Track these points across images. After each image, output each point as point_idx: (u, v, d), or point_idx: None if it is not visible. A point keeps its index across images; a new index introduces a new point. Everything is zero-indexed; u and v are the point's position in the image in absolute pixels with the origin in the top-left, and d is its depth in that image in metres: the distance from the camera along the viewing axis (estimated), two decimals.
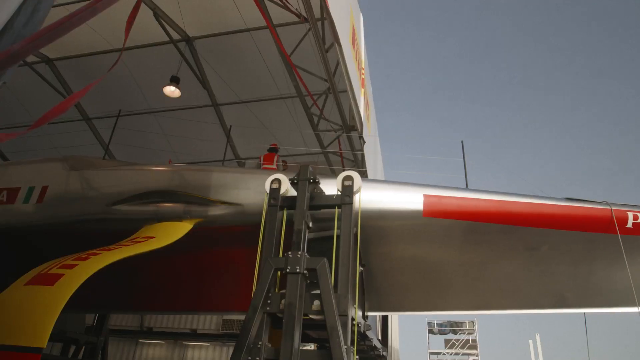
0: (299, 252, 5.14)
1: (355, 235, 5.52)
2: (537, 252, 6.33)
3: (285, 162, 12.53)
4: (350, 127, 13.02)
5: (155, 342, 18.64)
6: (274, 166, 11.55)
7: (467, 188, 6.78)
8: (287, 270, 5.08)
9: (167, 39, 12.90)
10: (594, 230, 6.06)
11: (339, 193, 5.74)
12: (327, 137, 14.53)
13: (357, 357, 5.17)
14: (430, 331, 31.13)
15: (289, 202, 5.85)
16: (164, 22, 12.44)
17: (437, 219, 6.21)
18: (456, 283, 6.90)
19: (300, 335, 4.88)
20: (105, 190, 7.38)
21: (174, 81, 13.15)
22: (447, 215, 6.21)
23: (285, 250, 5.59)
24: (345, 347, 4.71)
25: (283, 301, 5.11)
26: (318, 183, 5.88)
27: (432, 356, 30.60)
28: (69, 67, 14.57)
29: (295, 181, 5.85)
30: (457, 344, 30.14)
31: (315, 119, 13.85)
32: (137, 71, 14.60)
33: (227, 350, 17.56)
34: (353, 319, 5.14)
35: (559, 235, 6.12)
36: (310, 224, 5.58)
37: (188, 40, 13.30)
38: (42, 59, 14.38)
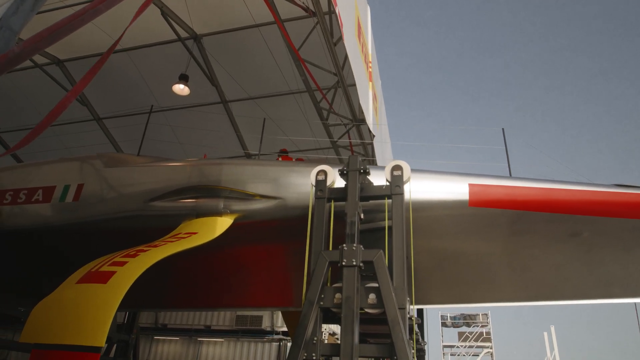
0: (354, 245, 5.02)
1: (408, 225, 5.41)
2: (586, 241, 6.13)
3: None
4: (360, 120, 12.96)
5: (170, 338, 18.64)
6: None
7: (510, 176, 6.65)
8: (343, 263, 4.96)
9: (175, 37, 12.83)
10: None
11: (388, 183, 5.63)
12: (337, 130, 14.45)
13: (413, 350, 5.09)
14: (444, 324, 30.97)
15: (336, 194, 5.71)
16: (171, 20, 12.38)
17: (483, 209, 6.07)
18: (500, 274, 6.75)
19: (358, 330, 4.77)
20: (142, 187, 7.24)
21: (183, 79, 13.10)
22: (493, 204, 6.05)
23: (333, 243, 5.49)
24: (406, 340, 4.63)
25: (337, 295, 5.02)
26: (368, 173, 5.74)
27: (446, 349, 30.54)
28: (79, 67, 14.40)
29: (345, 172, 5.71)
30: (471, 336, 29.98)
31: (325, 113, 13.76)
32: (145, 70, 14.54)
33: (241, 346, 17.55)
34: (409, 312, 5.05)
35: (610, 223, 5.93)
36: (362, 216, 5.45)
37: (196, 37, 13.21)
38: (52, 61, 14.28)
